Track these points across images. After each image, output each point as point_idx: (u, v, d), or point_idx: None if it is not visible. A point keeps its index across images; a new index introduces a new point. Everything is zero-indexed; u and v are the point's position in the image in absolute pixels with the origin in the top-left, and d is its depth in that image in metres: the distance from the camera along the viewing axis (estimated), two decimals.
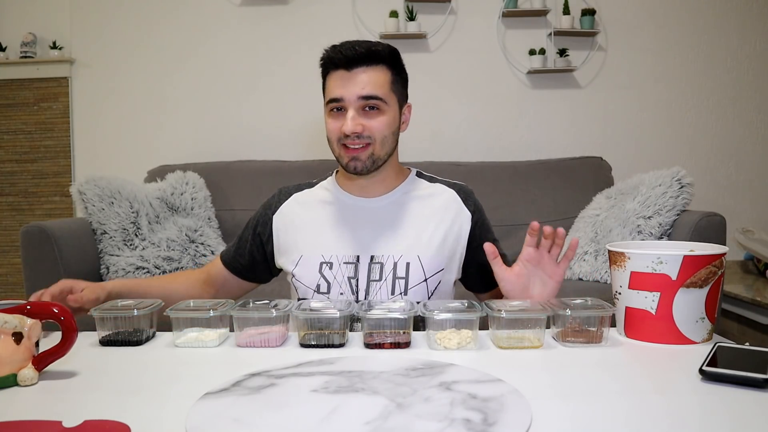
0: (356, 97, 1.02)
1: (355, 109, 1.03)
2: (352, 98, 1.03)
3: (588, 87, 2.84)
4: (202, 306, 0.90)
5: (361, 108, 1.03)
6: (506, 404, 0.61)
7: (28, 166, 2.91)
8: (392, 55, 1.07)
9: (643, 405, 0.62)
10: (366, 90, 1.02)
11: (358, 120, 1.03)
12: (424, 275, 1.07)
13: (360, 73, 1.03)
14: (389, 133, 1.06)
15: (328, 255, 1.09)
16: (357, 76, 1.03)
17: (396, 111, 1.08)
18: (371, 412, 0.59)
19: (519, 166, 2.59)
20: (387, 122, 1.05)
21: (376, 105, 1.04)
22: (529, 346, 0.84)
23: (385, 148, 1.07)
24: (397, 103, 1.08)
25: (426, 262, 1.07)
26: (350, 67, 1.03)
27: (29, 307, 0.74)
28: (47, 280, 1.97)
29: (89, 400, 0.65)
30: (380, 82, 1.04)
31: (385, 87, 1.05)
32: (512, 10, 2.72)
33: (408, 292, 1.06)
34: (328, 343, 0.85)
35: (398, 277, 1.06)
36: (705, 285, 0.84)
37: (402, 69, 1.10)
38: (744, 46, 2.82)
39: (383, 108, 1.04)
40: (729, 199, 2.84)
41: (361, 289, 1.06)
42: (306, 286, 1.09)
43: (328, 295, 1.07)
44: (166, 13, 2.85)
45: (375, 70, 1.04)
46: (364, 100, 1.03)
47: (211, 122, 2.86)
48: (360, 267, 1.07)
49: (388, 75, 1.06)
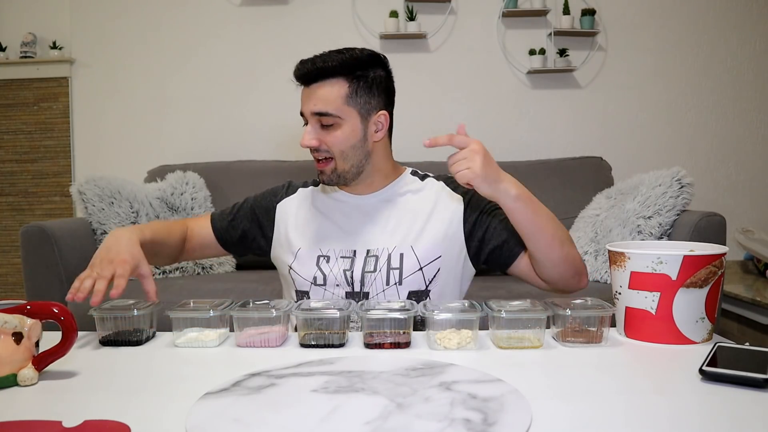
0: (311, 113, 1.05)
1: (312, 124, 1.06)
2: (308, 113, 1.05)
3: (588, 87, 2.84)
4: (202, 306, 0.90)
5: (318, 123, 1.05)
6: (506, 404, 0.61)
7: (28, 166, 2.91)
8: (349, 66, 1.04)
9: (643, 405, 0.62)
10: (317, 106, 1.03)
11: (313, 134, 1.05)
12: (419, 264, 1.08)
13: (315, 89, 1.04)
14: (348, 147, 1.06)
15: (326, 249, 1.11)
16: (314, 91, 1.04)
17: (355, 123, 1.06)
18: (371, 412, 0.59)
19: (519, 166, 2.59)
20: (343, 137, 1.05)
21: (331, 121, 1.04)
22: (529, 346, 0.84)
23: (349, 162, 1.07)
24: (357, 114, 1.06)
25: (420, 251, 1.08)
26: (308, 83, 1.06)
27: (29, 307, 0.74)
28: (47, 280, 1.98)
29: (89, 400, 0.65)
30: (332, 98, 1.03)
31: (338, 102, 1.03)
32: (512, 10, 2.72)
33: (402, 282, 1.07)
34: (328, 343, 0.85)
35: (392, 267, 1.08)
36: (705, 285, 0.84)
37: (366, 77, 1.06)
38: (744, 46, 2.82)
39: (338, 122, 1.04)
40: (729, 199, 2.84)
41: (356, 281, 1.08)
42: (303, 279, 1.11)
43: (324, 287, 1.09)
44: (166, 13, 2.85)
45: (329, 85, 1.04)
46: (318, 116, 1.04)
47: (211, 122, 2.86)
48: (356, 260, 1.09)
49: (344, 88, 1.04)
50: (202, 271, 2.33)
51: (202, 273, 2.33)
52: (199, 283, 2.14)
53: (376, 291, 1.07)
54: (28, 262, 1.98)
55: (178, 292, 1.97)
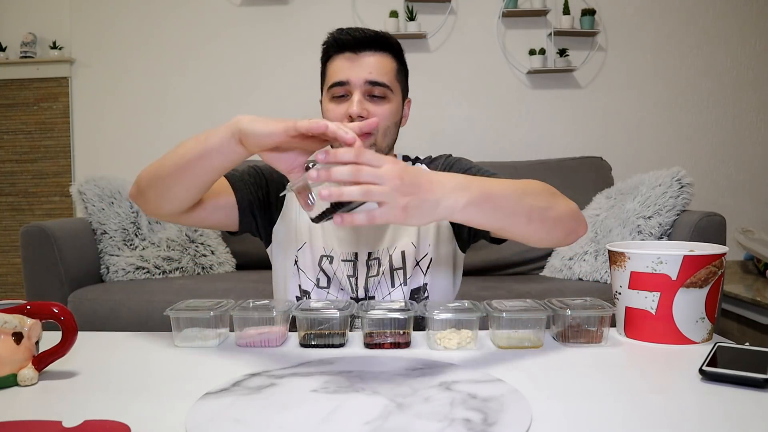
0: (363, 81, 0.98)
1: (361, 92, 0.98)
2: (359, 81, 0.98)
3: (588, 87, 2.84)
4: (202, 306, 0.90)
5: (367, 93, 0.99)
6: (506, 404, 0.61)
7: (28, 166, 2.91)
8: (398, 46, 1.05)
9: (643, 405, 0.62)
10: (374, 75, 0.98)
11: (364, 104, 0.98)
12: (418, 257, 1.05)
13: (368, 56, 0.99)
14: (392, 124, 1.02)
15: (329, 248, 1.06)
16: (364, 59, 0.99)
17: (400, 102, 1.05)
18: (371, 412, 0.59)
19: (519, 166, 2.59)
20: (392, 111, 1.01)
21: (383, 93, 1.00)
22: (529, 346, 0.84)
23: (387, 140, 1.03)
24: (401, 93, 1.05)
25: (418, 243, 1.05)
26: (358, 50, 0.99)
27: (29, 307, 0.74)
28: (47, 280, 1.98)
29: (89, 400, 0.65)
30: (387, 69, 1.00)
31: (392, 74, 1.01)
32: (512, 10, 2.72)
33: (407, 281, 1.04)
34: (328, 343, 0.85)
35: (395, 268, 1.04)
36: (705, 285, 0.84)
37: (405, 62, 1.08)
38: (744, 45, 2.82)
39: (389, 96, 1.01)
40: (729, 199, 2.84)
41: (360, 287, 1.05)
42: (307, 277, 1.06)
43: (327, 290, 1.05)
44: (166, 13, 2.85)
45: (382, 56, 1.01)
46: (371, 86, 0.98)
47: (211, 122, 2.85)
48: (359, 264, 1.06)
49: (394, 63, 1.03)
50: (202, 271, 2.33)
51: (202, 273, 2.33)
52: (199, 283, 2.14)
53: (381, 295, 1.04)
54: (28, 262, 1.98)
55: (178, 292, 1.97)
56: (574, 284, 2.05)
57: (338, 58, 1.01)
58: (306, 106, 2.77)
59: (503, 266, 2.37)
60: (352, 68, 0.99)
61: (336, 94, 1.00)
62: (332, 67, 1.02)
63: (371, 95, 1.00)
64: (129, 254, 2.19)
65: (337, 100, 1.01)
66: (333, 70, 1.01)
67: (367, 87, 0.99)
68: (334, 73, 1.01)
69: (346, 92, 1.00)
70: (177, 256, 2.27)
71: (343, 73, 0.99)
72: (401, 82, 1.05)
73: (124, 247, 2.20)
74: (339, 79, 0.99)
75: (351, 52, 0.99)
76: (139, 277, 2.18)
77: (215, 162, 0.83)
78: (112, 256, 2.17)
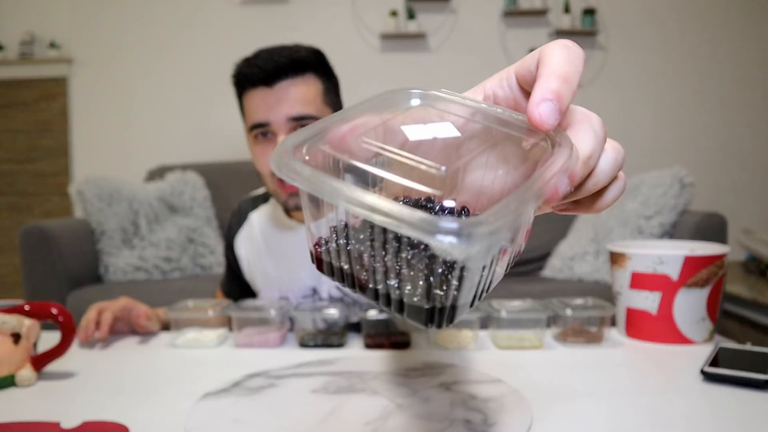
0: (285, 119, 0.86)
1: (285, 133, 0.86)
2: (281, 121, 0.86)
3: (588, 87, 2.83)
4: (202, 306, 0.90)
5: (292, 130, 0.87)
6: (506, 405, 0.60)
7: (26, 166, 2.91)
8: (319, 60, 0.91)
9: (644, 406, 0.61)
10: (296, 109, 0.86)
11: None
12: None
13: (286, 88, 0.86)
14: None
15: (285, 289, 1.01)
16: (282, 92, 0.86)
17: None
18: (371, 413, 0.58)
19: None
20: None
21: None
22: (529, 347, 0.84)
23: None
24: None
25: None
26: (271, 83, 0.87)
27: (28, 307, 0.73)
28: (46, 280, 1.98)
29: (88, 400, 0.65)
30: (311, 96, 0.87)
31: (318, 100, 0.88)
32: (512, 10, 2.72)
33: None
34: (327, 344, 0.85)
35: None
36: (706, 285, 0.84)
37: (332, 74, 0.93)
38: (745, 45, 2.82)
39: None
40: (730, 199, 2.84)
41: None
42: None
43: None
44: (165, 13, 2.85)
45: (302, 82, 0.87)
46: (296, 122, 0.87)
47: (211, 122, 2.85)
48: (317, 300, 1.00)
49: (319, 84, 0.89)
50: (201, 272, 2.33)
51: (202, 273, 2.33)
52: (199, 283, 2.14)
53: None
54: (27, 262, 1.98)
55: (177, 293, 1.96)
56: (574, 284, 2.05)
57: (252, 93, 0.89)
58: None
59: None
60: (269, 107, 0.87)
61: (258, 135, 0.90)
62: (247, 105, 0.90)
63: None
64: (128, 254, 2.19)
65: (261, 141, 0.90)
66: (249, 109, 0.90)
67: (291, 124, 0.87)
68: (250, 112, 0.89)
69: (268, 132, 0.89)
70: (176, 256, 2.26)
71: (261, 114, 0.88)
72: (330, 102, 0.92)
73: (123, 247, 2.19)
74: (258, 120, 0.88)
75: (264, 86, 0.87)
76: (138, 277, 2.18)
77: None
78: (111, 256, 2.17)
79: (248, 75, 0.88)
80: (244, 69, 0.89)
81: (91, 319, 0.87)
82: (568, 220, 2.38)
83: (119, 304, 0.90)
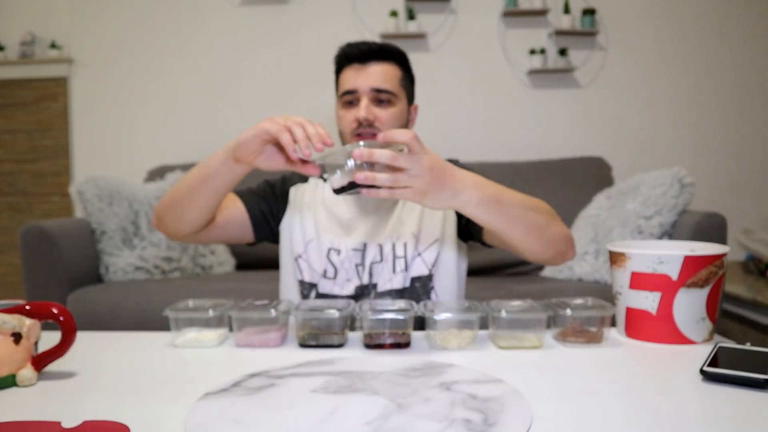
0: (369, 88, 1.08)
1: (368, 98, 1.09)
2: (365, 89, 1.08)
3: (588, 87, 2.83)
4: (202, 306, 0.90)
5: (373, 99, 1.09)
6: (506, 405, 0.60)
7: (27, 166, 2.91)
8: (402, 56, 1.15)
9: (643, 405, 0.62)
10: (378, 82, 1.09)
11: (370, 109, 1.08)
12: (417, 250, 1.10)
13: (373, 66, 1.09)
14: (397, 126, 1.11)
15: (338, 242, 1.12)
16: (370, 68, 1.09)
17: (405, 106, 1.14)
18: (371, 413, 0.58)
19: (519, 166, 2.59)
20: (396, 114, 1.10)
21: (387, 98, 1.09)
22: (529, 347, 0.84)
23: None
24: (406, 99, 1.14)
25: (420, 236, 1.11)
26: (364, 61, 1.10)
27: (28, 307, 0.73)
28: (46, 280, 1.98)
29: (88, 400, 0.65)
30: (391, 77, 1.10)
31: (396, 81, 1.11)
32: (512, 10, 2.72)
33: (407, 268, 1.09)
34: (327, 344, 0.85)
35: (397, 256, 1.10)
36: (706, 285, 0.84)
37: (410, 70, 1.17)
38: (745, 45, 2.82)
39: (393, 101, 1.10)
40: (730, 199, 2.83)
41: (365, 274, 1.10)
42: (313, 270, 1.11)
43: (334, 281, 1.10)
44: (165, 13, 2.85)
45: (387, 65, 1.11)
46: (377, 93, 1.09)
47: (211, 122, 2.85)
48: (366, 253, 1.11)
49: (399, 72, 1.13)
50: (201, 271, 2.33)
51: (202, 273, 2.33)
52: (199, 283, 2.14)
53: (384, 281, 1.09)
54: (28, 262, 1.98)
55: (177, 292, 1.96)
56: (574, 284, 2.05)
57: (347, 69, 1.12)
58: (305, 105, 2.77)
59: (503, 266, 2.37)
60: (359, 77, 1.09)
61: (346, 101, 1.11)
62: (342, 78, 1.13)
63: (378, 101, 1.10)
64: (128, 254, 2.19)
65: (348, 106, 1.11)
66: (343, 80, 1.12)
67: (373, 93, 1.09)
68: (344, 82, 1.12)
69: (355, 99, 1.10)
70: (176, 257, 2.26)
71: (351, 83, 1.10)
72: (406, 88, 1.15)
73: (124, 247, 2.20)
74: (348, 88, 1.10)
75: (358, 63, 1.10)
76: (139, 277, 2.18)
77: (218, 182, 0.98)
78: (112, 257, 2.17)
79: (348, 54, 1.11)
80: (346, 50, 1.12)
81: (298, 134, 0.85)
82: (568, 221, 2.38)
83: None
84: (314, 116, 2.77)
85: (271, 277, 2.00)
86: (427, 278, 1.10)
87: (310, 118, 0.87)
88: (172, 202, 1.03)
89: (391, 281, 1.09)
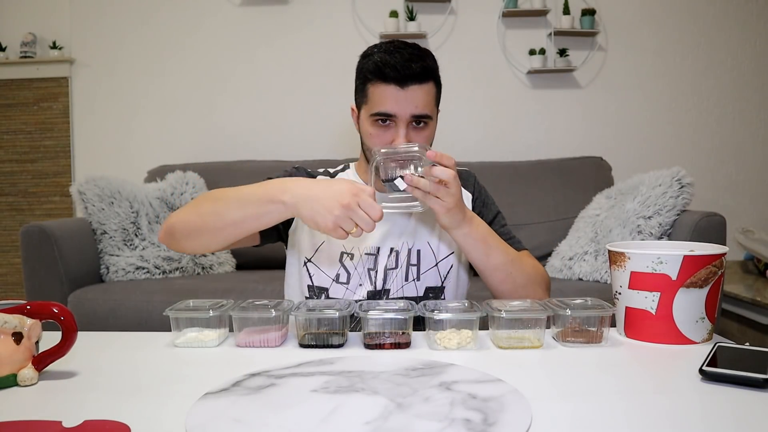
0: (409, 116, 1.02)
1: (405, 126, 1.02)
2: (405, 116, 1.02)
3: (588, 87, 2.84)
4: (202, 306, 0.90)
5: (410, 124, 1.03)
6: (506, 404, 0.61)
7: (28, 166, 2.91)
8: (436, 67, 1.07)
9: (643, 405, 0.62)
10: (419, 109, 1.02)
11: (409, 136, 1.03)
12: (435, 260, 1.10)
13: (414, 91, 1.01)
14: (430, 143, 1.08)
15: (350, 246, 1.10)
16: (409, 92, 1.01)
17: (435, 123, 1.09)
18: (371, 412, 0.59)
19: (519, 166, 2.59)
20: (430, 135, 1.06)
21: (425, 121, 1.04)
22: (529, 346, 0.84)
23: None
24: (437, 114, 1.09)
25: (435, 246, 1.11)
26: (404, 85, 1.00)
27: (29, 307, 0.74)
28: (47, 280, 1.98)
29: (89, 400, 0.65)
30: (429, 100, 1.04)
31: (432, 103, 1.05)
32: (512, 10, 2.72)
33: (420, 278, 1.09)
34: (327, 344, 0.85)
35: (411, 264, 1.09)
36: (705, 285, 0.84)
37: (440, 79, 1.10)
38: (744, 45, 2.82)
39: (429, 123, 1.05)
40: (729, 199, 2.84)
41: (379, 279, 1.09)
42: (325, 274, 1.10)
43: (347, 285, 1.09)
44: (166, 13, 2.85)
45: (426, 87, 1.03)
46: (415, 118, 1.03)
47: (211, 122, 2.85)
48: (380, 258, 1.10)
49: (434, 91, 1.06)
50: (202, 271, 2.33)
51: (202, 273, 2.33)
52: (199, 283, 2.14)
53: (396, 287, 1.08)
54: (28, 262, 1.98)
55: (178, 292, 1.97)
56: (574, 284, 2.05)
57: (383, 87, 1.02)
58: (305, 105, 2.77)
59: None
60: (398, 103, 1.01)
61: (380, 121, 1.04)
62: (376, 94, 1.03)
63: (415, 123, 1.03)
64: (129, 254, 2.19)
65: (381, 126, 1.04)
66: (378, 99, 1.03)
67: (411, 119, 1.02)
68: (379, 102, 1.02)
69: (391, 122, 1.03)
70: (177, 256, 2.27)
71: (389, 106, 1.01)
72: (438, 100, 1.08)
73: (124, 247, 2.20)
74: (385, 110, 1.02)
75: (397, 85, 1.01)
76: (139, 277, 2.18)
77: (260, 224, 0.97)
78: (112, 256, 2.17)
79: (384, 73, 1.01)
80: (381, 65, 1.01)
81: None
82: (567, 221, 2.38)
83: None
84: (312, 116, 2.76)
85: (271, 277, 2.01)
86: (439, 290, 1.10)
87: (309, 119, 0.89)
88: (197, 230, 0.98)
89: (403, 288, 1.08)
